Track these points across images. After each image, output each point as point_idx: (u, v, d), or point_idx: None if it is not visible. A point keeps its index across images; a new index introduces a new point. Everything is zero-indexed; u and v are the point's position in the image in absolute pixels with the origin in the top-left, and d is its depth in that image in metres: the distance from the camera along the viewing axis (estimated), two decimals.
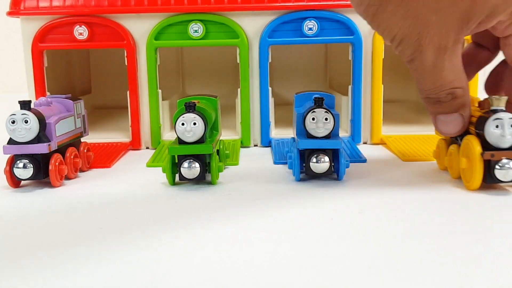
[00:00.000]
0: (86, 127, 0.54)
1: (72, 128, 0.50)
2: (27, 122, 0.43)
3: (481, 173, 0.41)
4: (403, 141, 0.60)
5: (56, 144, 0.46)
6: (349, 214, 0.38)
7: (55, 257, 0.31)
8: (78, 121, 0.51)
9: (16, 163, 0.44)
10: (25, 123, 0.43)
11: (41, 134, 0.44)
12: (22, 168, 0.44)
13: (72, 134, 0.50)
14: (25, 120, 0.43)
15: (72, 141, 0.50)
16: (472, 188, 0.42)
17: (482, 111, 0.43)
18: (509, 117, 0.40)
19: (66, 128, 0.48)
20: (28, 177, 0.45)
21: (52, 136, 0.45)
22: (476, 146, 0.41)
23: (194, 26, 0.59)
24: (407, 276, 0.28)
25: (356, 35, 0.60)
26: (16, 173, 0.44)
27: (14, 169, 0.44)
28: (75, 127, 0.50)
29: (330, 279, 0.28)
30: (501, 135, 0.40)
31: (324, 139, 0.45)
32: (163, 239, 0.34)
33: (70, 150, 0.48)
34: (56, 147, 0.46)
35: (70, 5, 0.60)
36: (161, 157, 0.56)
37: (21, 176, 0.45)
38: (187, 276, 0.28)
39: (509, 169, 0.40)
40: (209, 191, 0.44)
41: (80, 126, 0.52)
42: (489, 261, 0.30)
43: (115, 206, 0.41)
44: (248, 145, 0.62)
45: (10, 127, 0.44)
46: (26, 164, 0.44)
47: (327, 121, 0.44)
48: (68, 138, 0.49)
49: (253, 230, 0.35)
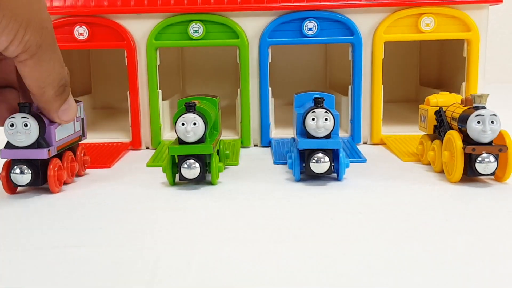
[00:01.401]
0: (85, 130, 0.52)
1: (71, 132, 0.48)
2: (26, 126, 0.42)
3: (462, 166, 0.43)
4: (403, 141, 0.60)
5: (55, 149, 0.44)
6: (349, 214, 0.38)
7: (55, 257, 0.31)
8: (77, 125, 0.50)
9: (13, 168, 0.43)
10: (24, 127, 0.42)
11: (41, 138, 0.43)
12: (20, 174, 0.43)
13: (71, 138, 0.48)
14: (24, 124, 0.42)
15: (71, 146, 0.49)
16: (453, 180, 0.45)
17: (464, 108, 0.45)
18: (490, 114, 0.43)
19: (65, 132, 0.47)
20: (26, 183, 0.43)
21: (52, 141, 0.44)
22: (458, 141, 0.44)
23: (194, 26, 0.59)
24: (407, 276, 0.28)
25: (356, 35, 0.60)
26: (13, 179, 0.43)
27: (11, 174, 0.43)
28: (74, 131, 0.49)
29: (330, 279, 0.28)
30: (482, 130, 0.43)
31: (324, 139, 0.45)
32: (163, 239, 0.34)
33: (67, 154, 0.47)
34: (56, 152, 0.45)
35: (70, 5, 0.60)
36: (161, 157, 0.56)
37: (18, 182, 0.43)
38: (187, 276, 0.28)
39: (489, 163, 0.43)
40: (209, 191, 0.44)
41: (79, 130, 0.50)
42: (489, 260, 0.30)
43: (115, 206, 0.41)
44: (248, 145, 0.62)
45: (9, 130, 0.42)
46: (24, 169, 0.43)
47: (327, 121, 0.44)
48: (67, 143, 0.47)
49: (253, 230, 0.35)
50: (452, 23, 0.59)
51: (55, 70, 0.40)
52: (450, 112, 0.47)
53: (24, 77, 0.39)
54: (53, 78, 0.40)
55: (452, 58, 0.72)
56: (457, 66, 0.67)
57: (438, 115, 0.49)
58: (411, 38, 0.60)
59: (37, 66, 0.39)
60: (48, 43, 0.39)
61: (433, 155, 0.49)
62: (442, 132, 0.48)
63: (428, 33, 0.60)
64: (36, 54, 0.38)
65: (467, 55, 0.61)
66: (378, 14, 0.60)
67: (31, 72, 0.39)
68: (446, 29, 0.60)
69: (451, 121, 0.47)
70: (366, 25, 0.60)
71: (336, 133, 0.46)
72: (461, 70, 0.63)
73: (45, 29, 0.38)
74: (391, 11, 0.60)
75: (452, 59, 0.72)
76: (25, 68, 0.39)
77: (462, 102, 0.47)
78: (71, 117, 0.44)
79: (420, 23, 0.59)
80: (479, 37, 0.60)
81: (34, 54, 0.38)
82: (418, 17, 0.59)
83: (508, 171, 0.44)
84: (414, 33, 0.60)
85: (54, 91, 0.41)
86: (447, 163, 0.46)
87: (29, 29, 0.36)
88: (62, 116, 0.43)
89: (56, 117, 0.43)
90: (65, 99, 0.43)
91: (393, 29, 0.60)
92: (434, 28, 0.59)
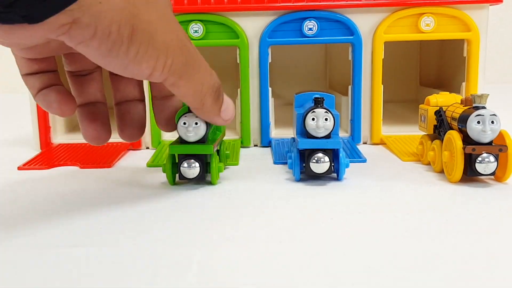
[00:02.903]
0: None
1: None
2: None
3: (462, 166, 0.43)
4: (403, 141, 0.60)
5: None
6: (349, 214, 0.38)
7: (54, 257, 0.31)
8: None
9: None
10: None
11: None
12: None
13: None
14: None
15: None
16: (453, 180, 0.45)
17: (464, 108, 0.45)
18: (490, 114, 0.43)
19: None
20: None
21: None
22: (458, 141, 0.44)
23: (194, 26, 0.59)
24: (407, 276, 0.28)
25: (356, 35, 0.60)
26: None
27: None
28: None
29: (330, 279, 0.28)
30: (482, 130, 0.43)
31: (324, 139, 0.45)
32: (163, 239, 0.34)
33: None
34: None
35: None
36: (161, 157, 0.56)
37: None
38: (187, 276, 0.28)
39: (489, 163, 0.43)
40: (209, 191, 0.44)
41: None
42: (489, 260, 0.30)
43: (115, 206, 0.41)
44: (248, 145, 0.63)
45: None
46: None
47: (327, 121, 0.44)
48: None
49: (252, 230, 0.35)
50: (452, 23, 0.60)
51: (206, 79, 0.39)
52: (450, 112, 0.47)
53: (181, 97, 0.38)
54: (208, 87, 0.39)
55: (452, 58, 0.72)
56: (457, 66, 0.67)
57: (438, 115, 0.49)
58: (411, 38, 0.60)
59: (189, 84, 0.37)
60: (192, 58, 0.37)
61: (433, 155, 0.49)
62: (442, 132, 0.48)
63: (428, 33, 0.60)
64: (184, 73, 0.36)
65: (467, 55, 0.61)
66: (378, 14, 0.60)
67: (185, 91, 0.38)
68: (446, 29, 0.60)
69: (451, 121, 0.47)
70: (366, 25, 0.60)
71: (336, 133, 0.46)
72: (461, 70, 0.63)
73: (185, 46, 0.36)
74: (391, 11, 0.60)
75: (452, 59, 0.72)
76: (178, 89, 0.37)
77: (462, 102, 0.47)
78: (232, 114, 0.43)
79: (420, 23, 0.59)
80: (479, 37, 0.60)
81: (183, 74, 0.36)
82: (418, 17, 0.59)
83: (508, 171, 0.44)
84: (414, 33, 0.60)
85: (212, 98, 0.40)
86: (447, 163, 0.46)
87: (170, 53, 0.35)
88: (225, 117, 0.42)
89: (219, 120, 0.42)
90: (222, 100, 0.42)
91: (393, 29, 0.60)
92: (434, 28, 0.59)
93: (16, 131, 0.76)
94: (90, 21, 0.30)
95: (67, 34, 0.30)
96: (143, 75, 0.35)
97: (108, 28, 0.31)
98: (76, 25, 0.30)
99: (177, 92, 0.38)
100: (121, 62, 0.33)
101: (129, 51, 0.32)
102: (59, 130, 0.66)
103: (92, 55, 0.33)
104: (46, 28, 0.29)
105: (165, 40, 0.34)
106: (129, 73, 0.35)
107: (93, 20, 0.30)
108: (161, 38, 0.34)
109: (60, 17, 0.29)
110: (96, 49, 0.32)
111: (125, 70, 0.34)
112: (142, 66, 0.34)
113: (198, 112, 0.41)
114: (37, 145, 0.62)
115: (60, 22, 0.29)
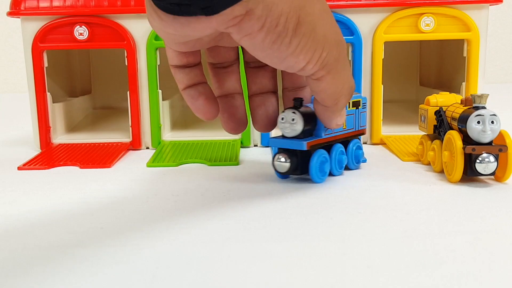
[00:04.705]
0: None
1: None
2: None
3: (462, 166, 0.43)
4: (403, 141, 0.60)
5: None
6: (349, 214, 0.38)
7: (55, 257, 0.31)
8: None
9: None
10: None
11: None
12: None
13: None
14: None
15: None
16: (453, 180, 0.45)
17: (464, 108, 0.45)
18: (490, 114, 0.43)
19: None
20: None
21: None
22: (458, 141, 0.44)
23: None
24: (407, 276, 0.28)
25: (356, 35, 0.60)
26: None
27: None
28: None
29: (330, 279, 0.28)
30: (482, 130, 0.43)
31: (289, 140, 0.45)
32: (163, 239, 0.34)
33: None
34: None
35: (70, 5, 0.60)
36: (161, 157, 0.56)
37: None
38: (187, 276, 0.28)
39: (489, 163, 0.43)
40: (209, 191, 0.44)
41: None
42: (489, 260, 0.30)
43: (115, 206, 0.41)
44: (248, 145, 0.63)
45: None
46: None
47: (293, 121, 0.44)
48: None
49: (252, 230, 0.35)
50: (452, 23, 0.60)
51: (348, 78, 0.38)
52: (450, 112, 0.47)
53: (319, 92, 0.38)
54: (347, 87, 0.39)
55: (452, 58, 0.72)
56: (457, 66, 0.67)
57: (438, 115, 0.49)
58: (411, 38, 0.60)
59: (334, 80, 0.37)
60: (343, 55, 0.37)
61: (433, 155, 0.49)
62: (442, 132, 0.48)
63: (428, 33, 0.60)
64: (333, 69, 0.36)
65: (467, 55, 0.61)
66: (378, 14, 0.60)
67: (327, 86, 0.37)
68: (446, 29, 0.60)
69: (451, 121, 0.47)
70: (366, 25, 0.60)
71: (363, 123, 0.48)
72: (461, 70, 0.63)
73: (340, 41, 0.36)
74: (391, 11, 0.60)
75: (452, 59, 0.72)
76: (321, 84, 0.37)
77: (462, 102, 0.47)
78: (344, 120, 0.43)
79: (420, 23, 0.59)
80: (479, 37, 0.60)
81: (332, 69, 0.36)
82: (418, 17, 0.59)
83: (508, 171, 0.44)
84: (414, 33, 0.60)
85: (345, 100, 0.39)
86: (447, 163, 0.46)
87: (326, 46, 0.35)
88: (340, 121, 0.42)
89: (335, 122, 0.42)
90: None
91: (393, 29, 0.60)
92: (434, 28, 0.59)
93: (16, 131, 0.76)
94: (262, 13, 0.30)
95: (237, 26, 0.30)
96: (297, 67, 0.35)
97: (276, 20, 0.31)
98: (249, 16, 0.30)
99: (317, 86, 0.37)
100: (281, 54, 0.33)
101: (291, 43, 0.32)
102: (59, 130, 0.66)
103: (254, 48, 0.32)
104: (220, 19, 0.29)
105: (325, 33, 0.34)
106: (284, 66, 0.35)
107: (265, 12, 0.30)
108: (321, 31, 0.34)
109: (236, 9, 0.29)
110: (260, 41, 0.31)
111: (281, 62, 0.34)
112: (299, 58, 0.34)
113: (325, 110, 0.40)
114: (37, 145, 0.62)
115: (235, 13, 0.29)
